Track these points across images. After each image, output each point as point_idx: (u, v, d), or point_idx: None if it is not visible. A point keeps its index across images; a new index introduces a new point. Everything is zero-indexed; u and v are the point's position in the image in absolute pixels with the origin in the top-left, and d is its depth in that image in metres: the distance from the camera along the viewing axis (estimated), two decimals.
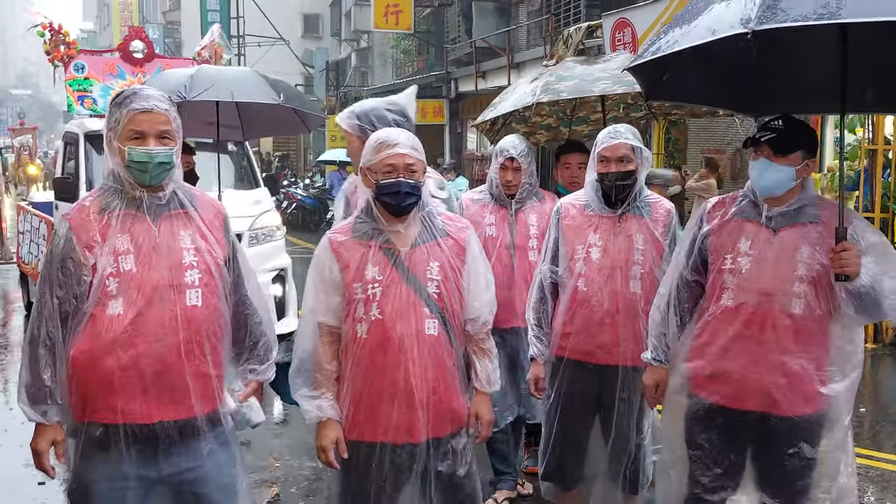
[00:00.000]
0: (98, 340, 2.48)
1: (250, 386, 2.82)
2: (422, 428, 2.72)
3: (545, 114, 5.90)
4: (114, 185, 2.58)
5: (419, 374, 2.70)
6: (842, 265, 2.69)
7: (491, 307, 2.92)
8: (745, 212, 2.96)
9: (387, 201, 2.73)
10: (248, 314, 2.79)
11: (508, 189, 4.20)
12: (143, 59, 10.37)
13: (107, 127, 2.58)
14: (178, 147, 2.61)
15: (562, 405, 3.62)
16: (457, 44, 21.02)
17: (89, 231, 2.52)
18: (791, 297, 2.83)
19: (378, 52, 28.71)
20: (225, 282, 2.68)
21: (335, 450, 2.75)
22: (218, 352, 2.64)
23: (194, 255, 2.59)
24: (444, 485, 2.80)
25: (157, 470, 2.56)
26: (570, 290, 3.57)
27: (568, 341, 3.56)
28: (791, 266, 2.84)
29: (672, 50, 2.61)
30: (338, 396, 2.78)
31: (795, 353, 2.83)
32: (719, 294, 2.94)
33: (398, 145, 2.74)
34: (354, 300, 2.73)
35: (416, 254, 2.77)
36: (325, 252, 2.80)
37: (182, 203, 2.64)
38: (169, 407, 2.53)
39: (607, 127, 3.63)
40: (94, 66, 10.44)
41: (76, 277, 2.51)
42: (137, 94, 2.57)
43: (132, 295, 2.49)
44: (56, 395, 2.53)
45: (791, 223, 2.88)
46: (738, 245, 2.92)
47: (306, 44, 34.08)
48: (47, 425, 2.56)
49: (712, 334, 2.95)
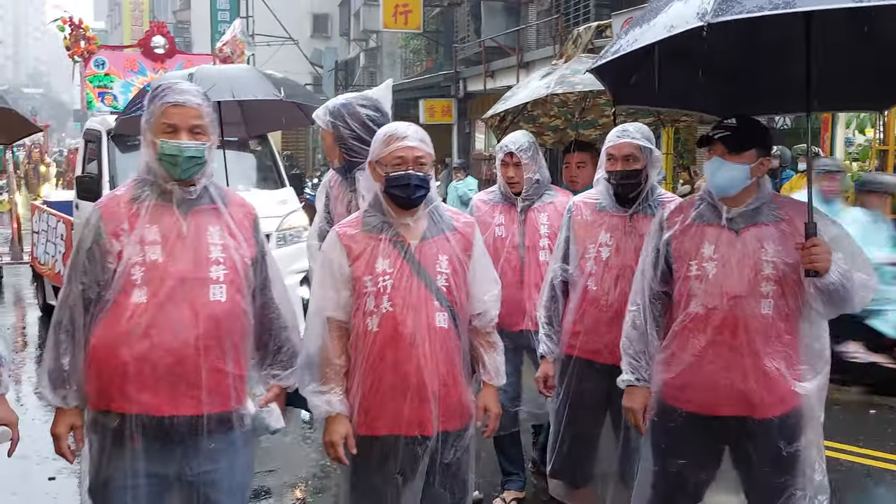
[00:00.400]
0: (117, 328, 2.50)
1: (272, 391, 2.80)
2: (434, 421, 2.74)
3: (553, 115, 5.90)
4: (148, 177, 2.61)
5: (431, 367, 2.71)
6: (812, 261, 2.68)
7: (497, 302, 2.94)
8: (705, 215, 2.93)
9: (396, 194, 2.74)
10: (272, 318, 2.78)
11: (512, 186, 4.16)
12: (165, 55, 10.27)
13: (144, 118, 2.61)
14: (213, 142, 2.62)
15: (570, 403, 3.62)
16: (466, 43, 21.03)
17: (118, 219, 2.55)
18: (760, 297, 2.81)
19: (387, 51, 28.72)
20: (250, 281, 2.67)
21: (344, 445, 2.75)
22: (239, 350, 2.62)
23: (221, 251, 2.59)
24: (448, 476, 2.82)
25: (172, 468, 2.56)
26: (581, 289, 3.58)
27: (577, 340, 3.57)
28: (757, 266, 2.82)
29: (632, 48, 2.60)
30: (347, 391, 2.78)
31: (768, 355, 2.81)
32: (687, 302, 2.90)
33: (407, 138, 2.75)
34: (364, 293, 2.73)
35: (426, 247, 2.78)
36: (333, 246, 2.80)
37: (213, 199, 2.66)
38: (181, 402, 2.51)
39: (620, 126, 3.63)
40: (115, 62, 10.34)
41: (101, 264, 2.53)
42: (172, 87, 2.59)
43: (155, 285, 2.50)
44: (73, 380, 2.56)
45: (752, 223, 2.87)
46: (702, 250, 2.89)
47: (315, 43, 34.10)
48: (66, 410, 2.59)
49: (683, 343, 2.91)
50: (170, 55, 10.34)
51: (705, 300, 2.86)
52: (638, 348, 3.02)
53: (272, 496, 4.72)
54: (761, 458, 2.87)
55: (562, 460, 3.68)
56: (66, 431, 2.60)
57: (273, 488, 4.81)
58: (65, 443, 2.60)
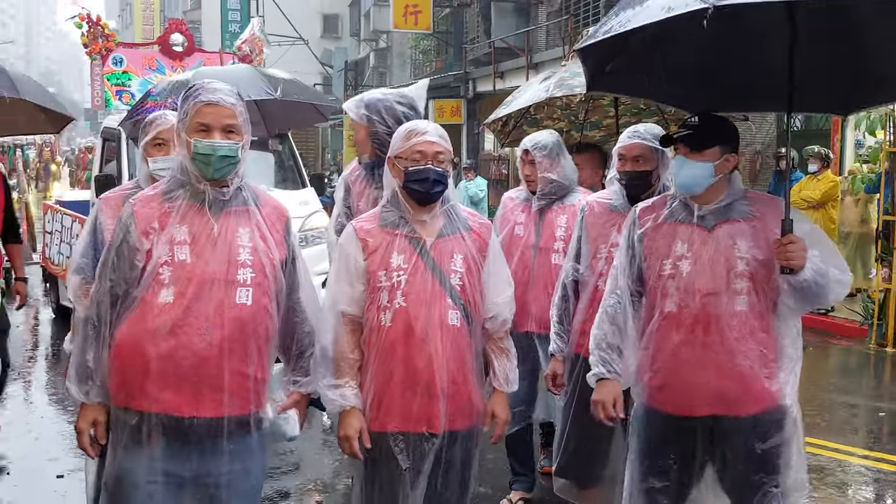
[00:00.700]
0: (142, 326, 2.49)
1: (291, 398, 2.78)
2: (442, 418, 2.74)
3: (556, 117, 5.90)
4: (181, 176, 2.60)
5: (441, 363, 2.72)
6: (787, 258, 2.68)
7: (511, 305, 2.95)
8: (677, 213, 2.92)
9: (415, 188, 2.76)
10: (297, 322, 2.76)
11: (529, 184, 4.18)
12: (183, 53, 10.16)
13: (177, 119, 2.61)
14: (245, 142, 2.61)
15: (578, 402, 3.60)
16: (475, 44, 21.03)
17: (149, 218, 2.54)
18: (734, 294, 2.81)
19: (397, 51, 28.75)
20: (279, 284, 2.65)
21: (359, 440, 2.75)
22: (262, 354, 2.61)
23: (250, 253, 2.58)
24: (451, 475, 2.82)
25: (188, 469, 2.54)
26: (591, 289, 3.58)
27: (587, 339, 3.52)
28: (730, 263, 2.82)
29: (624, 29, 2.55)
30: (360, 386, 2.78)
31: (743, 353, 2.80)
32: (661, 301, 2.89)
33: (427, 133, 2.78)
34: (378, 288, 2.74)
35: (441, 244, 2.79)
36: (350, 240, 2.82)
37: (245, 200, 2.64)
38: (202, 403, 2.50)
39: (621, 132, 3.65)
40: (133, 60, 10.23)
41: (129, 262, 2.53)
42: (205, 86, 2.59)
43: (182, 285, 2.49)
44: (97, 375, 2.57)
45: (724, 220, 2.86)
46: (674, 248, 2.87)
47: (325, 44, 34.17)
48: (89, 405, 2.60)
49: (659, 343, 2.89)
50: (188, 53, 10.24)
51: (679, 298, 2.84)
52: (612, 342, 2.98)
53: (291, 498, 4.70)
54: (738, 456, 2.86)
55: (568, 459, 3.68)
56: (88, 426, 2.60)
57: (292, 490, 4.81)
58: (86, 437, 2.61)
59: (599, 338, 3.01)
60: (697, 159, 2.82)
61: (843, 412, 6.65)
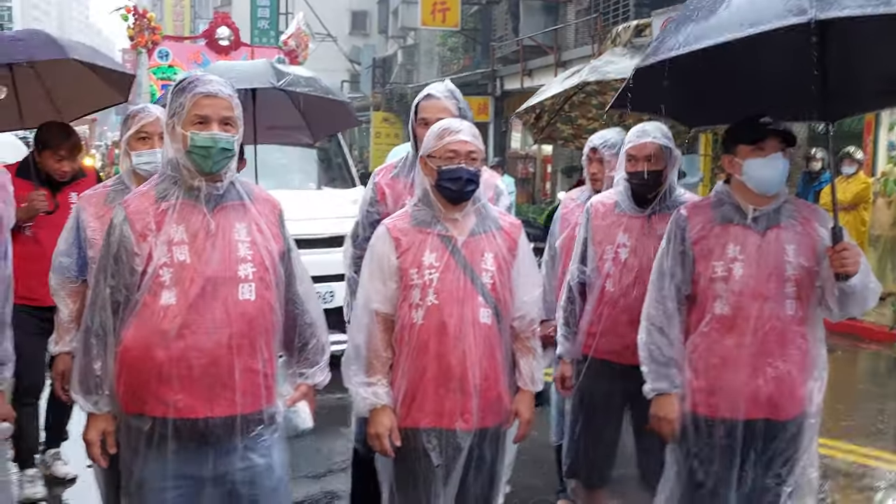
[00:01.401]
0: (148, 330, 2.45)
1: (299, 390, 2.75)
2: (474, 414, 2.75)
3: (591, 116, 5.87)
4: (172, 173, 2.55)
5: (474, 360, 2.74)
6: (844, 264, 2.71)
7: (539, 305, 2.95)
8: (729, 215, 2.91)
9: (448, 187, 2.77)
10: (297, 314, 2.73)
11: (594, 183, 4.06)
12: (229, 47, 10.05)
13: (169, 113, 2.55)
14: (240, 136, 2.58)
15: (587, 404, 3.60)
16: (503, 42, 20.99)
17: (145, 220, 2.50)
18: (783, 299, 2.82)
19: (424, 49, 28.77)
20: (280, 278, 2.63)
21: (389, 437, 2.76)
22: (269, 348, 2.59)
23: (249, 248, 2.55)
24: (481, 472, 2.83)
25: (207, 469, 2.52)
26: (598, 291, 3.55)
27: (595, 341, 3.54)
28: (780, 267, 2.83)
29: (699, 45, 2.51)
30: (391, 384, 2.80)
31: (789, 357, 2.83)
32: (711, 303, 2.88)
33: (461, 132, 2.79)
34: (411, 286, 2.76)
35: (472, 243, 2.81)
36: (383, 238, 2.83)
37: (239, 195, 2.61)
38: (216, 403, 2.48)
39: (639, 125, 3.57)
40: (179, 54, 10.11)
41: (128, 267, 2.49)
42: (200, 79, 2.55)
43: (185, 286, 2.45)
44: (105, 385, 2.53)
45: (774, 224, 2.87)
46: (727, 251, 2.86)
47: (354, 40, 34.27)
48: (98, 415, 2.55)
49: (709, 346, 2.89)
50: (234, 47, 10.12)
51: (731, 301, 2.84)
52: (668, 354, 2.94)
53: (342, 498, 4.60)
54: (767, 459, 2.87)
55: (578, 461, 3.66)
56: (98, 437, 2.56)
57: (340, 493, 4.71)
58: (97, 448, 2.57)
59: (654, 351, 2.95)
60: (784, 156, 2.83)
61: (871, 416, 6.57)
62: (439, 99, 3.34)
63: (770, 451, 2.87)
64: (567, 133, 6.04)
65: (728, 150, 2.97)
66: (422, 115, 3.33)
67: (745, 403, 2.85)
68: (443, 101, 3.34)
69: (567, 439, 3.72)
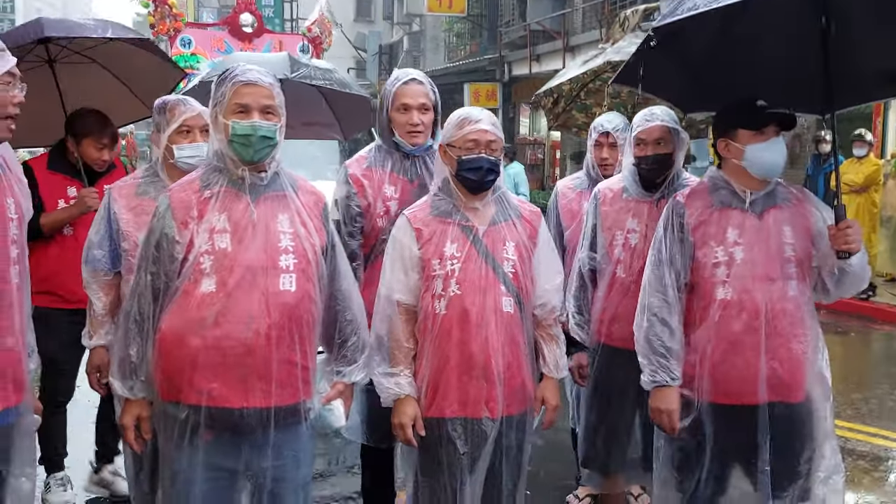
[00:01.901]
0: (186, 318, 2.46)
1: (335, 388, 2.74)
2: (499, 403, 2.77)
3: (607, 105, 5.87)
4: (217, 163, 2.57)
5: (497, 348, 2.76)
6: (847, 241, 2.74)
7: (560, 292, 2.97)
8: (726, 200, 2.91)
9: (468, 177, 2.78)
10: (339, 310, 2.72)
11: (605, 169, 3.99)
12: (253, 34, 9.77)
13: (212, 104, 2.57)
14: (282, 124, 2.57)
15: (601, 392, 3.61)
16: (511, 27, 20.92)
17: (188, 208, 2.51)
18: (787, 280, 2.84)
19: (430, 35, 28.67)
20: (321, 270, 2.63)
21: (413, 427, 2.78)
22: (308, 341, 2.58)
23: (291, 239, 2.54)
24: (508, 460, 2.85)
25: (240, 461, 2.53)
26: (609, 277, 3.55)
27: (607, 328, 3.55)
28: (781, 249, 2.85)
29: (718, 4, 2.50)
30: (414, 374, 2.82)
31: (797, 338, 2.85)
32: (714, 290, 2.88)
33: (481, 122, 2.78)
34: (433, 276, 2.77)
35: (493, 232, 2.82)
36: (404, 229, 2.84)
37: (283, 186, 2.61)
38: (251, 393, 2.47)
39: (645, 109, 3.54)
40: (201, 41, 9.75)
41: (169, 254, 2.50)
42: (242, 68, 2.57)
43: (224, 274, 2.46)
44: (141, 370, 2.54)
45: (771, 205, 2.89)
46: (727, 235, 2.87)
47: (359, 27, 34.13)
48: (133, 401, 2.58)
49: (719, 333, 2.87)
50: (257, 34, 9.83)
51: (735, 286, 2.85)
52: (669, 346, 2.90)
53: None
54: (791, 442, 2.88)
55: (593, 448, 3.67)
56: (132, 422, 2.59)
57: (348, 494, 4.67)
58: (132, 433, 2.59)
59: (654, 341, 2.92)
60: (783, 139, 2.85)
61: (886, 398, 6.59)
62: (423, 84, 3.30)
63: (792, 434, 2.88)
64: (581, 121, 6.04)
65: (723, 135, 2.94)
66: (403, 101, 3.27)
67: (757, 387, 2.84)
68: (422, 86, 3.30)
69: (582, 428, 3.74)
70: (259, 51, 9.27)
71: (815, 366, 2.90)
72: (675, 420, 2.93)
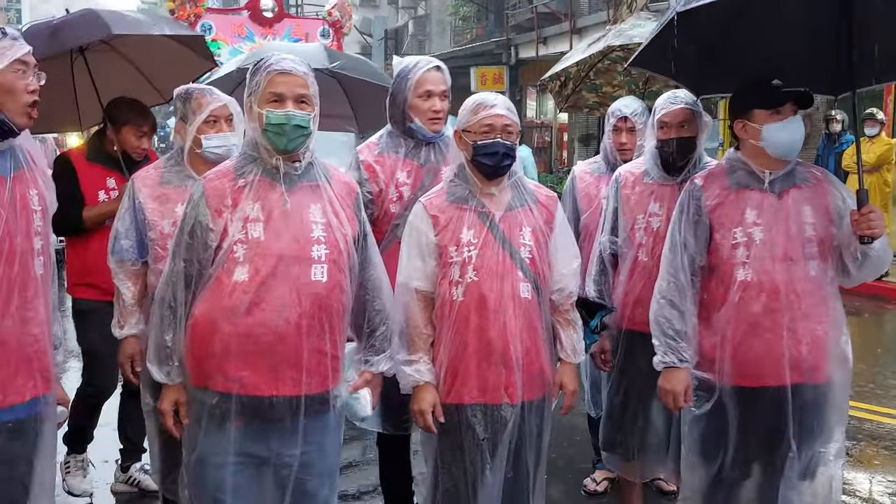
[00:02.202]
0: (219, 306, 2.48)
1: (362, 377, 2.76)
2: (518, 388, 2.78)
3: (617, 84, 5.84)
4: (251, 152, 2.59)
5: (514, 334, 2.76)
6: (870, 226, 2.72)
7: (577, 277, 2.96)
8: (744, 181, 2.89)
9: (484, 162, 2.77)
10: (368, 300, 2.75)
11: (623, 154, 3.97)
12: (273, 19, 9.65)
13: (246, 93, 2.58)
14: (316, 114, 2.58)
15: (623, 376, 3.60)
16: (517, 10, 20.83)
17: (222, 196, 2.53)
18: (807, 259, 2.83)
19: (436, 19, 28.58)
20: (352, 260, 2.64)
21: (432, 414, 2.79)
22: (337, 330, 2.60)
23: (323, 229, 2.56)
24: (529, 445, 2.86)
25: (268, 449, 2.54)
26: (631, 261, 3.54)
27: (630, 312, 3.54)
28: (801, 228, 2.83)
29: None
30: (433, 361, 2.83)
31: (818, 318, 2.84)
32: (734, 271, 2.86)
33: (496, 106, 2.78)
34: (450, 263, 2.78)
35: (510, 217, 2.82)
36: (420, 216, 2.85)
37: (316, 176, 2.63)
38: (281, 382, 2.49)
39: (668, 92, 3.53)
40: (222, 27, 9.58)
41: (202, 242, 2.52)
42: (275, 57, 2.58)
43: (257, 263, 2.48)
44: (176, 356, 2.57)
45: (790, 185, 2.87)
46: (746, 216, 2.85)
47: (364, 12, 34.02)
48: (171, 386, 2.60)
49: (736, 314, 2.86)
50: (278, 19, 9.72)
51: (755, 267, 2.83)
52: (678, 328, 2.92)
53: None
54: (812, 424, 2.87)
55: (615, 432, 3.67)
56: (171, 407, 2.61)
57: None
58: (170, 418, 2.61)
59: (664, 324, 2.94)
60: (801, 118, 2.83)
61: None
62: (442, 71, 3.34)
63: (815, 415, 2.87)
64: (592, 101, 6.02)
65: (739, 115, 2.92)
66: (426, 88, 3.29)
67: (780, 368, 2.83)
68: (444, 74, 3.34)
69: (605, 412, 3.73)
70: (280, 36, 9.18)
71: (837, 347, 2.88)
72: (681, 401, 2.95)
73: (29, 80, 2.49)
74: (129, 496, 4.36)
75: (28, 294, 2.51)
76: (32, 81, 2.50)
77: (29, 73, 2.50)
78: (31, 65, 2.51)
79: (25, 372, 2.51)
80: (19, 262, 2.48)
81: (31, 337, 2.52)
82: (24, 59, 2.49)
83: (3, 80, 2.45)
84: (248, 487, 2.56)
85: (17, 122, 2.48)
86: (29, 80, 2.49)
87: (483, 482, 2.80)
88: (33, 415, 2.54)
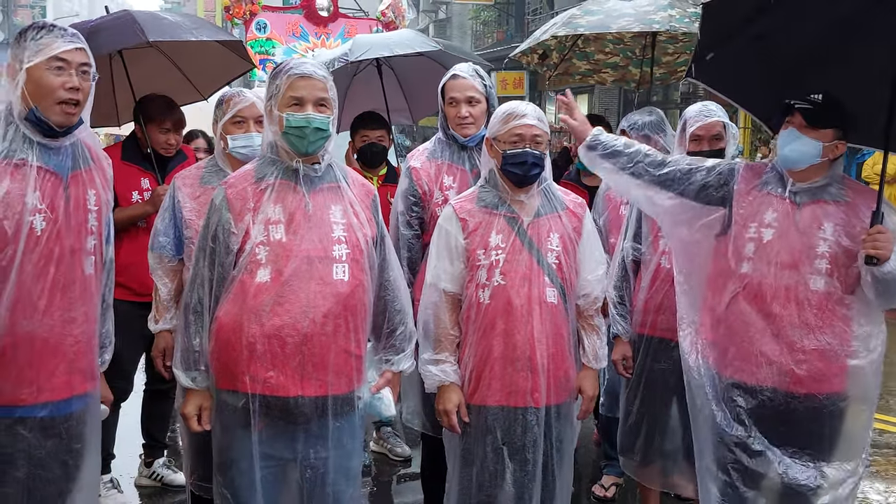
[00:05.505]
0: (242, 307, 2.50)
1: (384, 377, 2.78)
2: (542, 392, 2.81)
3: (609, 51, 5.73)
4: (271, 155, 2.62)
5: (540, 339, 2.80)
6: (875, 247, 2.63)
7: (602, 283, 3.00)
8: (771, 184, 2.89)
9: (513, 171, 2.82)
10: (388, 300, 2.77)
11: None
12: (328, 19, 9.48)
13: (267, 96, 2.61)
14: (335, 117, 2.61)
15: (643, 382, 3.61)
16: (538, 15, 20.84)
17: (244, 199, 2.55)
18: (809, 273, 2.77)
19: (457, 23, 28.64)
20: (372, 260, 2.68)
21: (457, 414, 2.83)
22: (360, 330, 2.62)
23: (344, 230, 2.59)
24: (555, 449, 2.88)
25: (295, 450, 2.56)
26: (654, 267, 3.55)
27: (651, 318, 3.56)
28: (811, 242, 2.79)
29: None
30: (458, 362, 2.87)
31: (814, 332, 2.76)
32: (737, 263, 2.85)
33: (526, 116, 2.83)
34: (478, 266, 2.82)
35: (538, 224, 2.87)
36: (450, 219, 2.90)
37: (336, 177, 2.66)
38: (308, 382, 2.51)
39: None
40: (277, 26, 9.34)
41: (225, 245, 2.54)
42: (294, 61, 2.61)
43: (280, 265, 2.50)
44: (202, 361, 2.58)
45: (815, 199, 2.82)
46: (763, 216, 2.85)
47: None
48: (196, 390, 2.61)
49: (732, 309, 2.86)
50: (332, 19, 9.57)
51: (757, 265, 2.82)
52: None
53: None
54: (805, 437, 2.80)
55: (632, 438, 3.68)
56: (195, 412, 2.61)
57: None
58: (194, 422, 2.61)
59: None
60: (810, 135, 2.76)
61: None
62: (466, 78, 3.43)
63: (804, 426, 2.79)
64: (584, 68, 5.92)
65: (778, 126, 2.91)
66: (451, 95, 3.44)
67: (762, 370, 2.79)
68: (469, 79, 3.43)
69: (622, 416, 3.75)
70: (334, 35, 9.05)
71: (847, 362, 2.78)
72: None
73: (66, 78, 2.45)
74: (153, 490, 4.43)
75: (73, 294, 2.52)
76: (72, 79, 2.46)
77: (69, 70, 2.46)
78: (73, 63, 2.47)
79: (64, 371, 2.52)
80: (67, 263, 2.49)
81: (72, 337, 2.53)
82: (63, 56, 2.45)
83: (37, 76, 2.43)
84: (277, 489, 2.59)
85: (53, 120, 2.45)
86: (66, 78, 2.45)
87: (503, 485, 2.82)
88: (70, 413, 2.55)
